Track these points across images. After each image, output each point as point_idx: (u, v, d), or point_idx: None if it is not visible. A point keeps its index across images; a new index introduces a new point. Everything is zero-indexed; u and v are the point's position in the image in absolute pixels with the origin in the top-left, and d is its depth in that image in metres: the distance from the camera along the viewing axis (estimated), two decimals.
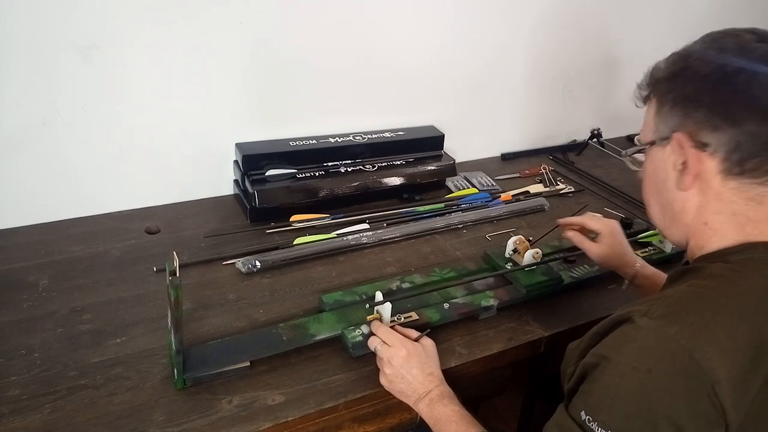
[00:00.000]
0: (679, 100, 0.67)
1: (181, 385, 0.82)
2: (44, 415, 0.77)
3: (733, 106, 0.63)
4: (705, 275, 0.64)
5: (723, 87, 0.64)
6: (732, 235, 0.66)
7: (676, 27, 1.77)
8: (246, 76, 1.24)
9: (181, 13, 1.12)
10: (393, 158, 1.40)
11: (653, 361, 0.58)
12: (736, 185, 0.65)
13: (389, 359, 0.85)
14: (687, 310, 0.61)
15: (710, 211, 0.67)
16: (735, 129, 0.63)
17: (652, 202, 0.75)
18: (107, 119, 1.14)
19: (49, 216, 1.17)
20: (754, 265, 0.63)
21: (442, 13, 1.40)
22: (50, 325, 0.92)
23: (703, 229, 0.68)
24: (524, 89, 1.64)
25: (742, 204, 0.65)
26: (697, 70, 0.66)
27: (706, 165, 0.66)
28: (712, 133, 0.64)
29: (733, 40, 0.66)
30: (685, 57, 0.68)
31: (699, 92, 0.65)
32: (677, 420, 0.57)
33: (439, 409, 0.80)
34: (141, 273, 1.06)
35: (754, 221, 0.65)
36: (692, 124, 0.66)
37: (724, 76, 0.64)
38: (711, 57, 0.65)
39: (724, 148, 0.64)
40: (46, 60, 1.05)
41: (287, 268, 1.11)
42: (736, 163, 0.64)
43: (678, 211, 0.70)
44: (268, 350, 0.89)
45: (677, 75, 0.68)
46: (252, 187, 1.22)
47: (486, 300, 1.02)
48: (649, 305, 0.62)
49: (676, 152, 0.68)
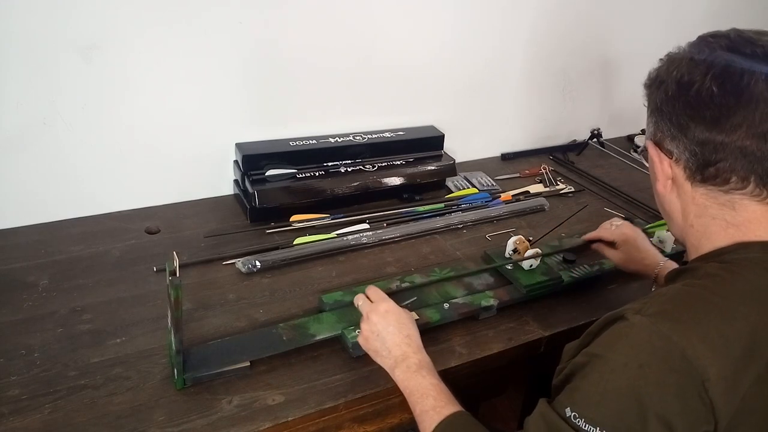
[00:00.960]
0: (653, 108, 0.72)
1: (181, 385, 0.82)
2: (44, 415, 0.77)
3: (684, 117, 0.67)
4: (700, 275, 0.65)
5: (680, 98, 0.67)
6: (721, 237, 0.68)
7: (675, 27, 1.77)
8: (246, 76, 1.24)
9: (181, 13, 1.12)
10: (393, 158, 1.40)
11: (645, 357, 0.59)
12: (704, 191, 0.68)
13: (368, 313, 0.86)
14: (680, 308, 0.61)
15: (692, 215, 0.70)
16: (687, 139, 0.67)
17: (656, 197, 0.78)
18: (107, 119, 1.14)
19: (49, 216, 1.17)
20: (748, 265, 0.64)
21: (442, 13, 1.40)
22: (50, 325, 0.92)
23: (690, 230, 0.71)
24: (524, 89, 1.64)
25: (717, 209, 0.68)
26: (663, 79, 0.70)
27: (675, 171, 0.70)
28: (672, 143, 0.69)
29: (703, 46, 0.68)
30: (664, 65, 0.71)
31: (663, 103, 0.69)
32: (667, 416, 0.57)
33: (417, 380, 0.79)
34: (141, 273, 1.06)
35: (734, 225, 0.67)
36: (660, 133, 0.71)
37: (679, 87, 0.67)
38: (673, 66, 0.69)
39: (683, 157, 0.68)
40: (46, 60, 1.05)
41: (287, 268, 1.11)
42: (696, 171, 0.67)
43: (669, 211, 0.74)
44: (268, 350, 0.89)
45: (651, 84, 0.72)
46: (252, 187, 1.22)
47: (486, 300, 1.02)
48: (643, 303, 0.63)
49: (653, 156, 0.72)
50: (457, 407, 0.75)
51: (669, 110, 0.68)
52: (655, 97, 0.71)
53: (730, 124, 0.63)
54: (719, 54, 0.66)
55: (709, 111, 0.64)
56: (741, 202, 0.66)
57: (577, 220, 1.26)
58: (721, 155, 0.65)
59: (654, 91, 0.71)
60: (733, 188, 0.66)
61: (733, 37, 0.67)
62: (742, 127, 0.63)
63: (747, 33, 0.68)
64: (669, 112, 0.68)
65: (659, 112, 0.70)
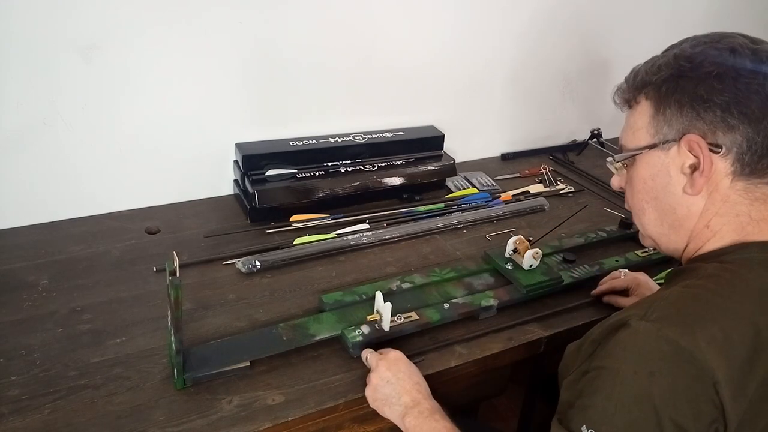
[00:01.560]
0: (687, 101, 0.65)
1: (181, 385, 0.82)
2: (44, 415, 0.77)
3: (750, 105, 0.63)
4: (700, 275, 0.64)
5: (740, 86, 0.63)
6: (730, 236, 0.66)
7: (675, 27, 1.77)
8: (246, 76, 1.24)
9: (181, 13, 1.12)
10: (393, 158, 1.40)
11: (655, 364, 0.58)
12: (743, 186, 0.65)
13: (377, 362, 0.83)
14: (684, 311, 0.60)
15: (714, 214, 0.67)
16: (751, 128, 0.63)
17: (647, 209, 0.73)
18: (107, 119, 1.14)
19: (49, 216, 1.17)
20: (748, 264, 0.63)
21: (442, 13, 1.40)
22: (50, 325, 0.92)
23: (704, 231, 0.68)
24: (524, 89, 1.64)
25: (746, 205, 0.65)
26: (708, 70, 0.65)
27: (717, 167, 0.65)
28: (726, 134, 0.64)
29: (732, 41, 0.66)
30: (690, 58, 0.67)
31: (712, 92, 0.64)
32: (681, 421, 0.57)
33: (431, 424, 0.76)
34: (141, 273, 1.06)
35: (756, 220, 0.65)
36: (704, 126, 0.65)
37: (740, 75, 0.63)
38: (721, 58, 0.65)
39: (737, 149, 0.64)
40: (46, 60, 1.05)
41: (287, 268, 1.11)
42: (748, 163, 0.64)
43: (682, 216, 0.69)
44: (268, 350, 0.89)
45: (683, 76, 0.66)
46: (252, 187, 1.22)
47: (486, 300, 1.02)
48: (646, 308, 0.61)
49: (684, 155, 0.67)
50: None
51: (726, 99, 0.63)
52: (692, 88, 0.65)
53: None
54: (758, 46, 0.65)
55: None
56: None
57: (577, 220, 1.25)
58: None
59: (686, 83, 0.66)
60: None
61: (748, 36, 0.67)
62: None
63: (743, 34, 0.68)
64: (725, 101, 0.63)
65: (705, 103, 0.64)
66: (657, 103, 0.69)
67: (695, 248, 0.69)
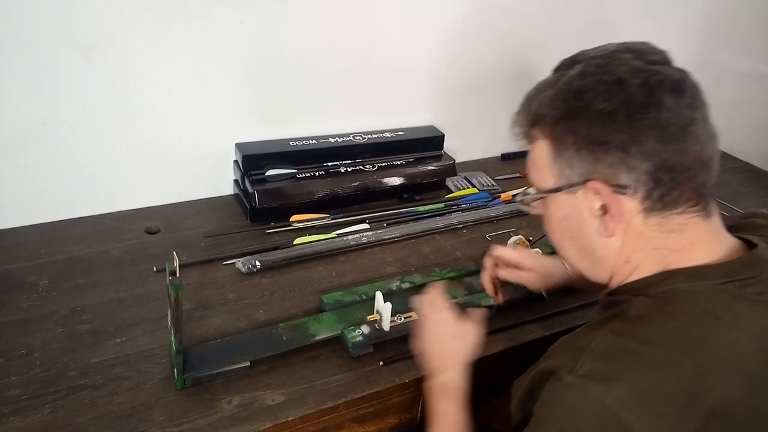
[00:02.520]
0: (584, 143, 0.62)
1: (181, 385, 0.82)
2: (44, 415, 0.77)
3: (648, 142, 0.59)
4: (628, 317, 0.61)
5: (635, 123, 0.59)
6: (653, 267, 0.64)
7: (676, 25, 1.78)
8: (246, 76, 1.24)
9: (182, 13, 1.12)
10: (393, 158, 1.40)
11: (581, 424, 0.56)
12: (657, 221, 0.63)
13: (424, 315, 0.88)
14: (611, 365, 0.57)
15: (632, 251, 0.65)
16: (653, 164, 0.60)
17: (566, 246, 0.71)
18: (107, 119, 1.14)
19: (49, 216, 1.17)
20: (675, 299, 0.61)
21: (443, 14, 1.40)
22: (50, 325, 0.92)
23: (625, 266, 0.66)
24: (524, 89, 1.63)
25: (663, 238, 0.63)
26: (599, 108, 0.60)
27: (627, 207, 0.62)
28: (629, 174, 0.61)
29: (619, 69, 0.61)
30: (579, 93, 0.62)
31: (607, 133, 0.60)
32: None
33: (437, 402, 0.79)
34: (141, 273, 1.06)
35: (675, 250, 0.63)
36: (605, 168, 0.61)
37: (633, 112, 0.59)
38: (610, 94, 0.60)
39: (644, 187, 0.61)
40: (46, 60, 1.05)
41: (287, 268, 1.11)
42: (658, 198, 0.61)
43: (601, 255, 0.67)
44: (268, 350, 0.89)
45: (575, 115, 0.62)
46: (252, 187, 1.22)
47: (486, 300, 1.02)
48: (575, 359, 0.59)
49: (591, 198, 0.64)
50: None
51: (623, 139, 0.60)
52: (586, 130, 0.61)
53: (693, 136, 0.60)
54: (649, 67, 0.61)
55: (675, 128, 0.59)
56: (690, 222, 0.62)
57: None
58: (688, 174, 0.60)
59: (580, 124, 0.62)
60: (689, 207, 0.62)
61: (632, 48, 0.64)
62: (700, 138, 0.60)
63: (629, 44, 0.65)
64: (622, 141, 0.60)
65: (601, 145, 0.61)
66: (554, 143, 0.65)
67: (620, 280, 0.67)
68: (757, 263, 0.63)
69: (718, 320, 0.59)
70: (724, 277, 0.61)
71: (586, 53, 0.67)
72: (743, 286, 0.61)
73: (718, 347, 0.58)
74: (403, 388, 0.89)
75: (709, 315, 0.59)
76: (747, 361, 0.58)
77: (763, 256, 0.64)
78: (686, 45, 1.81)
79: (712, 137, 0.62)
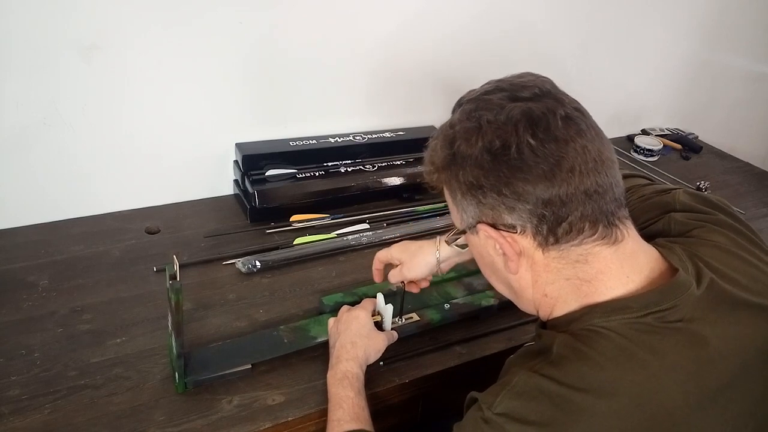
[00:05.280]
0: (465, 189, 0.63)
1: (182, 389, 0.82)
2: (44, 415, 0.77)
3: (518, 182, 0.59)
4: (549, 357, 0.60)
5: (501, 167, 0.59)
6: (573, 299, 0.64)
7: (676, 26, 1.78)
8: (246, 76, 1.24)
9: (182, 13, 1.12)
10: (393, 158, 1.40)
11: None
12: (557, 254, 0.62)
13: (342, 312, 0.91)
14: (527, 408, 0.57)
15: (544, 283, 0.65)
16: (530, 203, 0.59)
17: (492, 279, 0.72)
18: (107, 119, 1.14)
19: (49, 216, 1.17)
20: (593, 338, 0.59)
21: (443, 14, 1.40)
22: (50, 325, 0.92)
23: (545, 300, 0.66)
24: None
25: (570, 268, 0.63)
26: (466, 154, 0.61)
27: (522, 244, 0.63)
28: (511, 214, 0.61)
29: (480, 114, 0.62)
30: (452, 141, 0.63)
31: (478, 177, 0.61)
32: None
33: (336, 389, 0.79)
34: (141, 273, 1.06)
35: (586, 281, 0.63)
36: (489, 210, 0.62)
37: (495, 157, 0.60)
38: (470, 142, 0.61)
39: (530, 225, 0.61)
40: (46, 60, 1.05)
41: (287, 268, 1.11)
42: (547, 234, 0.61)
43: (519, 289, 0.67)
44: (270, 353, 0.89)
45: (451, 162, 0.64)
46: (252, 187, 1.22)
47: (486, 300, 1.02)
48: (495, 394, 0.59)
49: (487, 239, 0.65)
50: (360, 425, 0.74)
51: (493, 183, 0.60)
52: (462, 176, 0.62)
53: (565, 170, 0.58)
54: (510, 106, 0.60)
55: (542, 165, 0.58)
56: (593, 251, 0.62)
57: None
58: (571, 206, 0.59)
59: (457, 170, 0.63)
60: (587, 237, 0.61)
61: (505, 86, 0.63)
62: (576, 169, 0.59)
63: (508, 80, 0.65)
64: (493, 184, 0.60)
65: (479, 190, 0.61)
66: (448, 188, 0.67)
67: (546, 314, 0.67)
68: (678, 289, 0.61)
69: (632, 358, 0.57)
70: (643, 309, 0.60)
71: (465, 97, 0.68)
72: (662, 317, 0.59)
73: (634, 386, 0.56)
74: (404, 388, 0.89)
75: (624, 353, 0.57)
76: (665, 397, 0.57)
77: (684, 282, 0.62)
78: (686, 45, 1.81)
79: (598, 164, 0.60)
